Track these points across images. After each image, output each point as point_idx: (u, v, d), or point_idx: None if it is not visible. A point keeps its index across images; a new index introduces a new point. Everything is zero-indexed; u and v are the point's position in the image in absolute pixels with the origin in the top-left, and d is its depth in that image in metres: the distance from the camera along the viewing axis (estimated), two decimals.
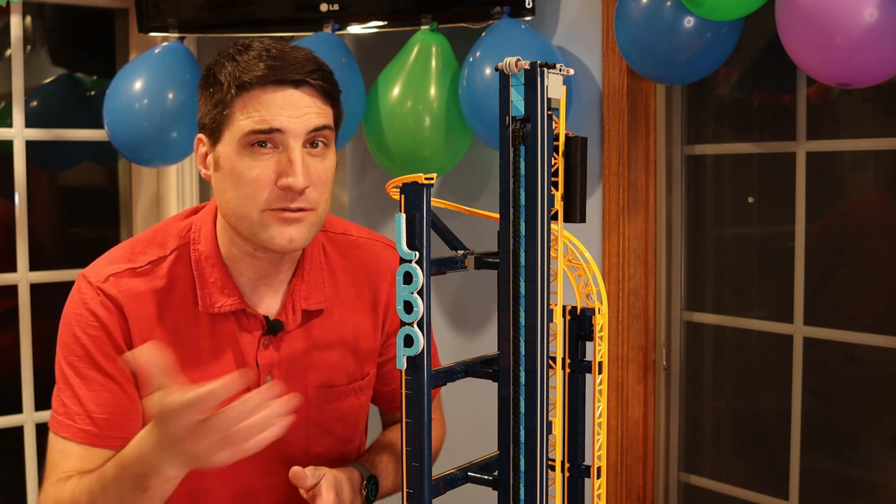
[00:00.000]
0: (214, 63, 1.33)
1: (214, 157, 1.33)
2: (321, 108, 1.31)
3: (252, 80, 1.27)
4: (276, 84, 1.28)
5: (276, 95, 1.28)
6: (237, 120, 1.28)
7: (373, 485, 1.40)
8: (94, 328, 1.34)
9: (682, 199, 2.17)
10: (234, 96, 1.28)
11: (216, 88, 1.30)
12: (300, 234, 1.31)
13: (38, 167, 2.69)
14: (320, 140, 1.31)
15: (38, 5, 2.72)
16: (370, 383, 1.50)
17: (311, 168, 1.29)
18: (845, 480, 2.02)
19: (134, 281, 1.36)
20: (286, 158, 1.28)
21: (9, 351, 2.56)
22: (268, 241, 1.31)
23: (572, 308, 1.08)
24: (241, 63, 1.28)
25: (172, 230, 1.42)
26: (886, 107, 1.91)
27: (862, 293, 1.99)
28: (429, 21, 2.22)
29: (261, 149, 1.28)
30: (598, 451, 1.05)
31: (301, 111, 1.28)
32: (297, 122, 1.28)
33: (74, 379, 1.34)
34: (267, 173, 1.28)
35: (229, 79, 1.28)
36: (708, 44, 1.81)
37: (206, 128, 1.33)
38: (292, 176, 1.27)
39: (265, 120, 1.27)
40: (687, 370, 2.20)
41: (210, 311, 1.37)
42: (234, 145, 1.29)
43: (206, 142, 1.35)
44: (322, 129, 1.30)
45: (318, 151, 1.31)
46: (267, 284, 1.40)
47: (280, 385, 1.19)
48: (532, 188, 1.01)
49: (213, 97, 1.31)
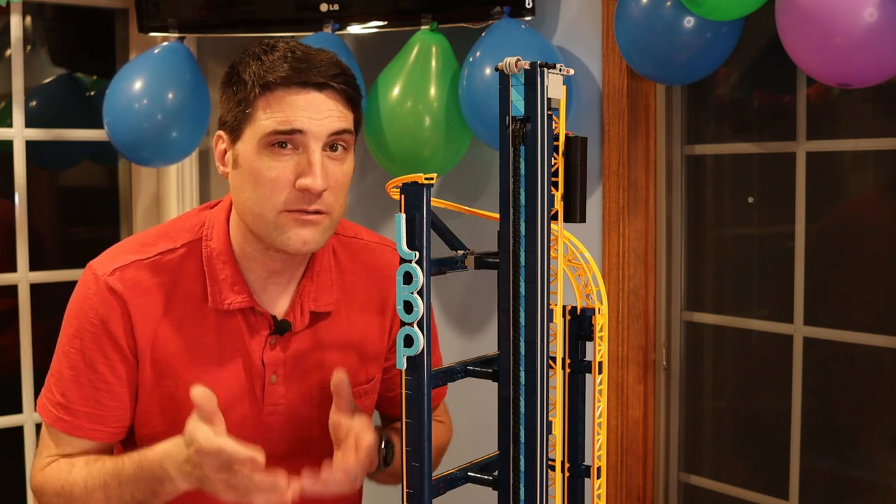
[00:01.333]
0: (239, 61, 1.33)
1: (234, 154, 1.33)
2: (342, 111, 1.31)
3: (276, 80, 1.28)
4: (300, 86, 1.28)
5: (300, 97, 1.28)
6: (259, 119, 1.29)
7: (390, 448, 1.39)
8: (93, 325, 1.35)
9: (682, 199, 2.17)
10: (258, 95, 1.29)
11: (240, 86, 1.31)
12: (314, 237, 1.31)
13: (38, 167, 2.69)
14: (340, 144, 1.32)
15: (38, 5, 2.72)
16: (375, 387, 1.50)
17: (330, 171, 1.30)
18: (845, 480, 2.02)
19: (140, 273, 1.36)
20: (305, 160, 1.28)
21: (9, 351, 2.56)
22: (282, 242, 1.31)
23: (572, 308, 1.08)
24: (266, 63, 1.29)
25: (185, 224, 1.42)
26: (886, 107, 1.91)
27: (862, 293, 1.99)
28: (429, 21, 2.22)
29: (281, 149, 1.29)
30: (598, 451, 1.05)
31: (323, 114, 1.29)
32: (319, 124, 1.28)
33: (66, 370, 1.37)
34: (286, 174, 1.29)
35: (253, 78, 1.29)
36: (708, 44, 1.81)
37: (228, 125, 1.34)
38: (311, 177, 1.27)
39: (287, 120, 1.28)
40: (687, 370, 2.20)
41: (219, 308, 1.37)
42: (255, 144, 1.29)
43: (226, 139, 1.35)
44: (342, 132, 1.31)
45: (338, 155, 1.32)
46: (277, 283, 1.41)
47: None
48: (532, 188, 1.01)
49: (237, 95, 1.31)
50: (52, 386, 1.39)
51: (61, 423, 1.37)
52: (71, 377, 1.37)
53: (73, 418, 1.37)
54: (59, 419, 1.37)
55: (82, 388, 1.36)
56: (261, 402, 1.40)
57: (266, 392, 1.40)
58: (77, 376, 1.36)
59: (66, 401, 1.37)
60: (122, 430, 1.40)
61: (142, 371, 1.37)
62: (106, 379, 1.36)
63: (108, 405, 1.37)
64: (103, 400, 1.37)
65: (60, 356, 1.38)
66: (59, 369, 1.38)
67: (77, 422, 1.37)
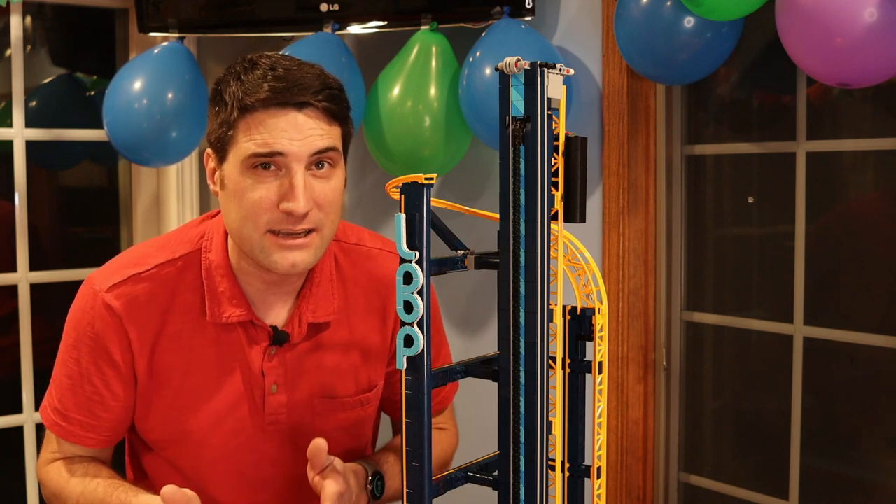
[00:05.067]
0: (222, 79, 1.32)
1: (221, 174, 1.32)
2: (325, 129, 1.29)
3: (254, 102, 1.25)
4: (279, 106, 1.26)
5: (279, 119, 1.26)
6: (240, 141, 1.27)
7: (378, 480, 1.39)
8: (90, 339, 1.37)
9: (682, 199, 2.17)
10: (238, 118, 1.27)
11: (221, 107, 1.29)
12: (304, 258, 1.30)
13: (38, 167, 2.69)
14: (325, 161, 1.30)
15: (38, 5, 2.72)
16: (377, 395, 1.50)
17: (317, 190, 1.28)
18: (845, 480, 2.02)
19: (137, 287, 1.36)
20: (288, 182, 1.27)
21: (9, 351, 2.56)
22: (270, 265, 1.31)
23: (572, 308, 1.08)
24: (246, 83, 1.27)
25: (186, 236, 1.42)
26: (886, 107, 1.91)
27: (862, 293, 1.99)
28: (429, 21, 2.22)
29: (264, 171, 1.27)
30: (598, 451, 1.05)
31: (304, 133, 1.26)
32: (300, 144, 1.26)
33: (63, 378, 1.39)
34: (269, 195, 1.27)
35: (233, 99, 1.27)
36: (708, 44, 1.81)
37: (213, 145, 1.33)
38: (293, 201, 1.26)
39: (267, 143, 1.25)
40: (687, 370, 2.20)
41: (218, 322, 1.37)
42: (238, 166, 1.28)
43: (213, 158, 1.34)
44: (326, 150, 1.29)
45: (324, 173, 1.30)
46: (276, 294, 1.40)
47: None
48: (532, 188, 1.01)
49: (219, 116, 1.30)
50: (52, 390, 1.41)
51: (57, 427, 1.40)
52: (67, 385, 1.39)
53: (67, 424, 1.39)
54: (55, 423, 1.40)
55: (77, 397, 1.38)
56: (261, 411, 1.40)
57: (267, 402, 1.39)
58: (73, 386, 1.38)
59: (62, 407, 1.39)
60: (116, 438, 1.43)
61: (140, 384, 1.38)
62: (99, 392, 1.37)
63: (100, 416, 1.39)
64: (96, 411, 1.38)
65: (60, 364, 1.40)
66: (58, 376, 1.41)
67: (71, 428, 1.39)
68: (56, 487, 1.40)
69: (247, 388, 1.39)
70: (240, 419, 1.39)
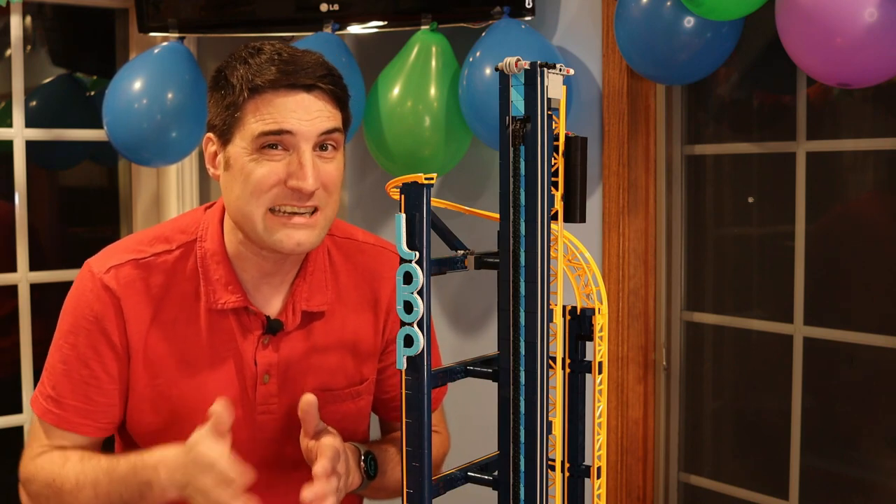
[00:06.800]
0: (225, 65, 1.34)
1: (224, 157, 1.34)
2: (331, 111, 1.33)
3: (264, 83, 1.29)
4: (288, 88, 1.29)
5: (288, 99, 1.29)
6: (248, 123, 1.30)
7: (371, 460, 1.40)
8: (87, 321, 1.37)
9: (682, 199, 2.17)
10: (247, 99, 1.29)
11: (227, 91, 1.31)
12: (308, 237, 1.32)
13: (38, 167, 2.69)
14: (330, 143, 1.33)
15: (38, 5, 2.72)
16: (369, 389, 1.50)
17: (322, 170, 1.31)
18: (845, 480, 2.02)
19: (135, 272, 1.38)
20: (296, 161, 1.29)
21: (9, 351, 2.56)
22: (274, 244, 1.32)
23: (572, 308, 1.08)
24: (254, 66, 1.30)
25: (182, 225, 1.43)
26: (886, 107, 1.91)
27: (862, 293, 1.99)
28: (429, 21, 2.21)
29: (271, 151, 1.30)
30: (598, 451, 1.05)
31: (312, 114, 1.30)
32: (308, 125, 1.29)
33: (58, 364, 1.39)
34: (276, 173, 1.29)
35: (241, 81, 1.30)
36: (708, 44, 1.81)
37: (217, 129, 1.34)
38: (302, 179, 1.29)
39: (277, 122, 1.28)
40: (687, 370, 2.20)
41: (213, 307, 1.38)
42: (246, 147, 1.30)
43: (216, 142, 1.35)
44: (332, 132, 1.32)
45: (328, 154, 1.33)
46: (270, 283, 1.41)
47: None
48: (532, 188, 1.01)
49: (225, 99, 1.32)
50: (45, 379, 1.41)
51: (50, 415, 1.39)
52: (62, 371, 1.38)
53: (62, 411, 1.38)
54: (48, 411, 1.39)
55: (73, 382, 1.38)
56: (253, 401, 1.40)
57: (259, 392, 1.40)
58: (68, 371, 1.38)
59: (56, 394, 1.38)
60: (111, 426, 1.42)
61: (133, 369, 1.38)
62: (97, 375, 1.37)
63: (97, 401, 1.38)
64: (93, 396, 1.38)
65: (54, 350, 1.40)
66: (52, 363, 1.40)
67: (66, 415, 1.38)
68: (49, 474, 1.36)
69: (239, 377, 1.39)
70: (232, 409, 1.39)
